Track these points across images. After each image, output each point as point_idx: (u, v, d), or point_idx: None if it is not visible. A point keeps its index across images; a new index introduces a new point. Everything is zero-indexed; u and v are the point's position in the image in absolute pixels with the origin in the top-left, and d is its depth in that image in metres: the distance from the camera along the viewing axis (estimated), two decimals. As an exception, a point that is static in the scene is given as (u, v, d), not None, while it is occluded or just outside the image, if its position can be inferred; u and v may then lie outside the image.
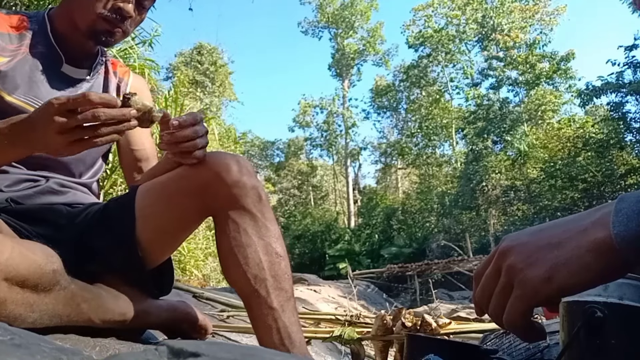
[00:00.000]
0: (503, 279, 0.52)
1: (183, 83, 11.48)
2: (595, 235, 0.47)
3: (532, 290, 0.49)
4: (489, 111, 19.52)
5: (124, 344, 0.91)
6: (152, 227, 1.01)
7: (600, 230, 0.47)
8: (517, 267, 0.51)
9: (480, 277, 0.56)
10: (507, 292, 0.51)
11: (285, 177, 31.55)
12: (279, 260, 0.95)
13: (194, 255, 7.50)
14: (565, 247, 0.49)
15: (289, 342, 0.90)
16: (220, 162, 0.96)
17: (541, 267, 0.49)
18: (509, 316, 0.51)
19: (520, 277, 0.50)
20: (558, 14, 22.76)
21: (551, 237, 0.51)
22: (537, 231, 0.53)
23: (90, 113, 0.80)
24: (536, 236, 0.52)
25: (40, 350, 0.43)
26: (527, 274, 0.50)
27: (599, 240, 0.47)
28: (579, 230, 0.49)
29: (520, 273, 0.50)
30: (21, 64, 1.06)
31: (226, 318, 2.44)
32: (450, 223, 19.07)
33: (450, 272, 11.81)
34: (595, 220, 0.48)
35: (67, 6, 1.11)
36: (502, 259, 0.53)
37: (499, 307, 0.52)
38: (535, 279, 0.49)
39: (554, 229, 0.52)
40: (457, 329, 1.87)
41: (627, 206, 0.46)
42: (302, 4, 31.08)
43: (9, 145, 0.87)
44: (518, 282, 0.50)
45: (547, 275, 0.48)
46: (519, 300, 0.50)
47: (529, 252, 0.51)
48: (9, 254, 0.76)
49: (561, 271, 0.48)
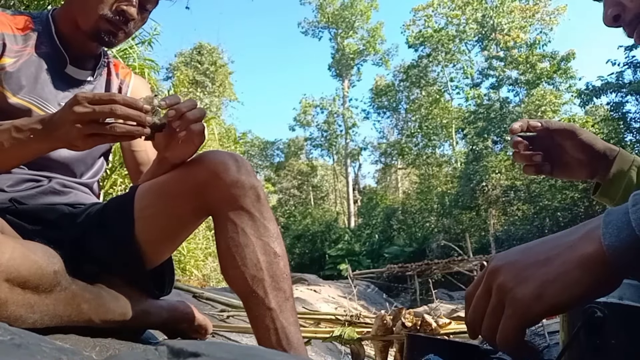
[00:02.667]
0: (494, 299, 0.52)
1: (183, 83, 11.49)
2: (583, 250, 0.47)
3: (523, 308, 0.48)
4: (489, 111, 19.53)
5: (124, 344, 0.91)
6: (151, 228, 1.01)
7: (588, 244, 0.47)
8: (507, 286, 0.50)
9: (471, 298, 0.56)
10: (499, 312, 0.51)
11: (285, 177, 31.55)
12: (277, 260, 0.95)
13: (194, 255, 7.51)
14: (554, 264, 0.48)
15: (287, 343, 0.89)
16: (219, 162, 0.96)
17: (531, 285, 0.49)
18: (502, 336, 0.50)
19: (510, 296, 0.50)
20: (558, 13, 22.78)
21: (539, 254, 0.50)
22: (526, 249, 0.53)
23: (108, 107, 0.83)
24: (525, 254, 0.52)
25: (40, 350, 0.43)
26: (517, 292, 0.49)
27: (588, 255, 0.46)
28: (567, 246, 0.49)
29: (511, 292, 0.50)
30: (26, 65, 1.07)
31: (226, 318, 2.44)
32: (450, 223, 19.07)
33: (450, 272, 11.82)
34: (582, 236, 0.48)
35: (70, 7, 1.12)
36: (491, 279, 0.52)
37: (492, 328, 0.51)
38: (525, 297, 0.48)
39: (542, 246, 0.52)
40: (457, 329, 1.88)
41: (616, 218, 0.46)
42: (302, 4, 31.12)
43: (34, 139, 0.88)
44: (509, 301, 0.50)
45: (537, 292, 0.48)
46: (510, 320, 0.49)
47: (518, 270, 0.50)
48: (10, 255, 0.76)
49: (551, 288, 0.48)
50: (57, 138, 0.87)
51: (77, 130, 0.84)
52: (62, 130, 0.85)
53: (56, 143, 0.89)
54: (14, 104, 1.03)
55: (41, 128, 0.88)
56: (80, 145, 0.87)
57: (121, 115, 0.83)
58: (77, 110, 0.83)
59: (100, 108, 0.83)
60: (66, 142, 0.87)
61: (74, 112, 0.83)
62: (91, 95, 0.84)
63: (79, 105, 0.83)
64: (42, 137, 0.88)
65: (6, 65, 1.04)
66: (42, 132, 0.88)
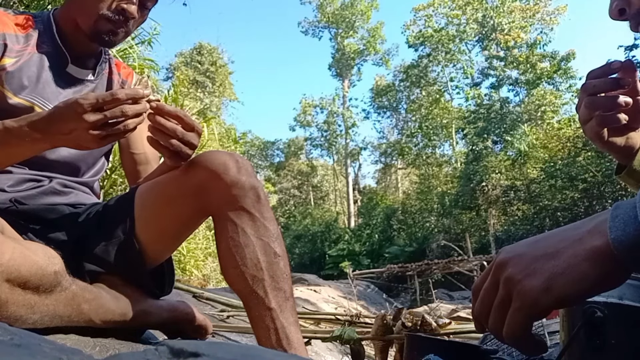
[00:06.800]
0: (501, 292, 0.52)
1: (183, 83, 11.48)
2: (591, 244, 0.47)
3: (531, 301, 0.48)
4: (489, 111, 19.52)
5: (124, 344, 0.91)
6: (151, 228, 1.01)
7: (596, 238, 0.47)
8: (515, 279, 0.50)
9: (478, 291, 0.55)
10: (506, 304, 0.51)
11: (285, 177, 31.55)
12: (277, 260, 0.95)
13: (194, 255, 7.50)
14: (562, 257, 0.48)
15: (287, 343, 0.89)
16: (219, 162, 0.96)
17: (539, 278, 0.49)
18: (509, 329, 0.50)
19: (518, 288, 0.49)
20: (558, 13, 22.76)
21: (548, 247, 0.50)
22: (534, 242, 0.53)
23: (119, 110, 0.85)
24: (533, 247, 0.52)
25: (40, 350, 0.43)
26: (525, 285, 0.49)
27: (596, 248, 0.46)
28: (575, 239, 0.49)
29: (519, 284, 0.50)
30: (28, 65, 1.07)
31: (226, 318, 2.44)
32: (450, 223, 19.05)
33: (450, 272, 11.80)
34: (591, 229, 0.48)
35: (71, 7, 1.12)
36: (499, 272, 0.52)
37: (499, 321, 0.51)
38: (534, 290, 0.48)
39: (550, 239, 0.52)
40: (457, 329, 1.88)
41: (624, 212, 0.46)
42: (302, 4, 31.12)
43: (29, 142, 0.89)
44: (517, 293, 0.50)
45: (545, 285, 0.48)
46: (518, 312, 0.49)
47: (526, 263, 0.50)
48: (11, 255, 0.76)
49: (559, 281, 0.48)
50: (64, 141, 0.88)
51: (91, 137, 0.85)
52: (72, 135, 0.86)
53: (62, 144, 0.91)
54: (15, 104, 1.03)
55: (40, 136, 0.88)
56: (94, 147, 0.89)
57: (132, 114, 0.86)
58: (89, 119, 0.84)
59: (112, 113, 0.85)
60: (77, 145, 0.89)
61: (85, 120, 0.84)
62: (93, 99, 0.84)
63: (88, 114, 0.84)
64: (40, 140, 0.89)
65: (7, 66, 1.04)
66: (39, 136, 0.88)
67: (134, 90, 0.87)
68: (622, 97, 0.80)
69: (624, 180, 0.92)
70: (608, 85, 0.81)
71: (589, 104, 0.83)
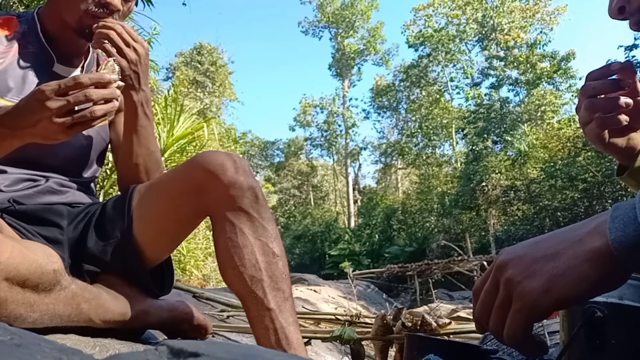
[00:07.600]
0: (502, 293, 0.52)
1: (183, 83, 11.49)
2: (591, 245, 0.47)
3: (531, 302, 0.49)
4: (489, 111, 19.51)
5: (124, 344, 0.91)
6: (150, 228, 1.01)
7: (596, 239, 0.47)
8: (515, 280, 0.50)
9: (479, 293, 0.56)
10: (507, 305, 0.51)
11: (285, 177, 31.54)
12: (276, 261, 0.94)
13: (194, 255, 7.51)
14: (562, 258, 0.48)
15: (286, 343, 0.89)
16: (216, 162, 0.96)
17: (539, 279, 0.49)
18: (510, 330, 0.50)
19: (518, 290, 0.50)
20: (558, 13, 22.77)
21: (548, 248, 0.50)
22: (534, 243, 0.53)
23: (82, 94, 0.81)
24: (533, 248, 0.52)
25: (40, 350, 0.43)
26: (525, 286, 0.49)
27: (596, 249, 0.47)
28: (575, 240, 0.49)
29: (519, 286, 0.50)
30: (13, 66, 1.05)
31: (226, 318, 2.44)
32: (450, 223, 19.05)
33: (450, 272, 11.78)
34: (591, 230, 0.48)
35: (55, 5, 1.10)
36: (500, 273, 0.52)
37: (500, 322, 0.52)
38: (534, 291, 0.49)
39: (550, 240, 0.52)
40: (457, 329, 1.87)
41: (623, 213, 0.46)
42: (302, 4, 31.12)
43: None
44: (517, 294, 0.50)
45: (545, 286, 0.48)
46: (518, 314, 0.49)
47: (527, 264, 0.50)
48: (10, 254, 0.76)
49: (559, 282, 0.48)
50: (31, 135, 0.85)
51: (57, 126, 0.81)
52: (38, 127, 0.82)
53: (31, 139, 0.86)
54: (1, 106, 1.02)
55: (8, 131, 0.85)
56: (62, 137, 0.84)
57: (97, 99, 0.82)
58: (52, 106, 0.80)
59: (75, 97, 0.80)
60: (44, 137, 0.85)
61: (48, 107, 0.80)
62: (56, 85, 0.81)
63: (51, 100, 0.80)
64: (9, 136, 0.86)
65: None
66: (7, 131, 0.85)
67: (99, 75, 0.83)
68: (622, 99, 0.80)
69: (625, 181, 0.92)
70: (608, 87, 0.81)
71: (589, 106, 0.82)
